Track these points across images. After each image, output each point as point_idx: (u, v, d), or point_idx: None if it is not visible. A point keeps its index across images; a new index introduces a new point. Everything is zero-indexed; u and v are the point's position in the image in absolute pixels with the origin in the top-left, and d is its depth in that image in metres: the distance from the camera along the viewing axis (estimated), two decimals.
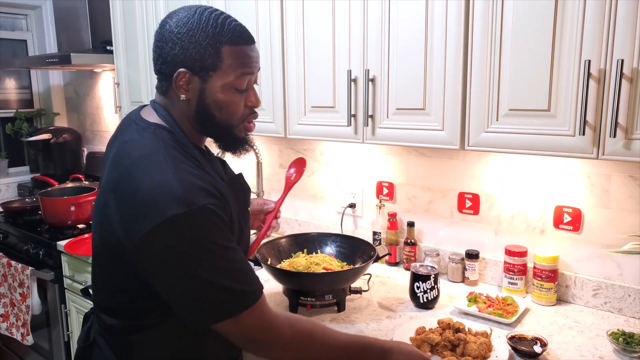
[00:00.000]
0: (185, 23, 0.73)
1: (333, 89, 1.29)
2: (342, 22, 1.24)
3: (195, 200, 0.68)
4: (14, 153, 2.73)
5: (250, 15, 1.44)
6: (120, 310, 0.80)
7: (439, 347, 0.95)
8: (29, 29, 2.74)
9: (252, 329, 0.73)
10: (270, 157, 1.85)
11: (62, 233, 1.91)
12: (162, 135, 0.76)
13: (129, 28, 1.86)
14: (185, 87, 0.75)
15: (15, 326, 1.94)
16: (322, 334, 0.79)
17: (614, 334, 1.01)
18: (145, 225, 0.67)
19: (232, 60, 0.74)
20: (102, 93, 2.60)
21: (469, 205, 1.38)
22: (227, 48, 0.73)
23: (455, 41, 1.06)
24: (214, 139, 0.83)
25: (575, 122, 0.94)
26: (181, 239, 0.67)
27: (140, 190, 0.69)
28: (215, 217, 0.70)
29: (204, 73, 0.74)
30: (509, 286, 1.27)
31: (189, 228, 0.67)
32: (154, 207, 0.67)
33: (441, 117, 1.11)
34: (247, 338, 0.74)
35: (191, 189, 0.69)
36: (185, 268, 0.68)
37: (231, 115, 0.78)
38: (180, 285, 0.69)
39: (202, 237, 0.68)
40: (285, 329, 0.75)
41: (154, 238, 0.67)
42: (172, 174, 0.69)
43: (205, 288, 0.69)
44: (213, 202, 0.70)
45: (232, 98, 0.76)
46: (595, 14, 0.89)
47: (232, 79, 0.75)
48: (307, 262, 1.23)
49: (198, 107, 0.76)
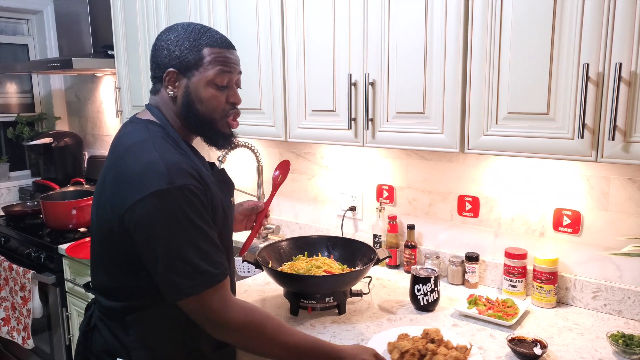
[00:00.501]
0: (175, 32, 0.86)
1: (333, 92, 1.30)
2: (342, 26, 1.25)
3: (177, 179, 0.77)
4: (15, 157, 2.74)
5: (250, 19, 1.46)
6: (116, 291, 0.85)
7: (407, 354, 0.94)
8: (30, 34, 2.76)
9: (210, 310, 0.79)
10: (270, 160, 1.85)
11: (63, 237, 1.91)
12: (153, 129, 0.86)
13: (130, 32, 1.87)
14: (173, 84, 0.86)
15: (16, 330, 1.94)
16: (275, 329, 0.83)
17: (614, 336, 1.01)
18: (130, 199, 0.76)
19: (212, 58, 0.84)
20: (103, 97, 2.61)
21: (469, 208, 1.39)
22: (207, 49, 0.85)
23: (455, 45, 1.07)
24: (199, 134, 0.91)
25: (574, 125, 0.95)
26: (160, 212, 0.75)
27: (130, 170, 0.79)
28: (194, 197, 0.78)
29: (188, 72, 0.85)
30: (509, 289, 1.28)
31: (169, 203, 0.75)
32: (139, 183, 0.76)
33: (441, 120, 1.12)
34: (205, 317, 0.80)
35: (174, 169, 0.78)
36: (161, 239, 0.76)
37: (213, 110, 0.87)
38: (156, 255, 0.77)
39: (179, 213, 0.76)
40: (239, 315, 0.80)
41: (136, 209, 0.76)
42: (159, 157, 0.79)
43: (175, 261, 0.76)
44: (194, 183, 0.79)
45: (212, 93, 0.85)
46: (594, 18, 0.90)
47: (212, 75, 0.84)
48: (307, 265, 1.23)
49: (184, 102, 0.86)
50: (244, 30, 1.48)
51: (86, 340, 0.91)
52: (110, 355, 0.86)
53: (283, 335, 0.83)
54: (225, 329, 0.81)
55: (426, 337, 0.99)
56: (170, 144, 0.84)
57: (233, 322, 0.80)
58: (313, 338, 0.86)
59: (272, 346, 0.83)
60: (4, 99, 2.70)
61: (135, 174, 0.78)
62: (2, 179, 2.63)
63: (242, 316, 0.81)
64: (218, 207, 0.86)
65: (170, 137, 0.86)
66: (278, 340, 0.82)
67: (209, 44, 0.85)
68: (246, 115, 1.52)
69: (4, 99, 2.69)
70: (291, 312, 1.19)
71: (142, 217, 0.76)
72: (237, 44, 1.50)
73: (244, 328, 0.81)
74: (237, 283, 1.40)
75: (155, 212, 0.75)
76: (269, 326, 0.82)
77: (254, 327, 0.81)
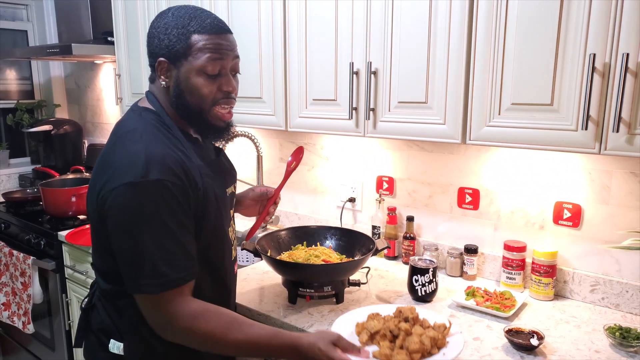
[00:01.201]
0: (164, 18, 0.83)
1: (335, 81, 1.29)
2: (345, 13, 1.23)
3: (154, 173, 0.75)
4: (15, 144, 2.73)
5: (252, 5, 1.43)
6: (109, 275, 0.86)
7: (378, 336, 0.84)
8: (29, 20, 2.73)
9: (158, 314, 0.78)
10: (270, 150, 1.84)
11: (63, 223, 1.92)
12: (148, 116, 0.85)
13: (130, 19, 1.85)
14: (165, 74, 0.84)
15: (16, 315, 1.95)
16: (224, 330, 0.78)
17: (611, 328, 1.01)
18: (107, 187, 0.77)
19: (201, 45, 0.81)
20: (102, 85, 2.59)
21: (469, 200, 1.38)
22: (196, 36, 0.81)
23: (459, 34, 1.05)
24: (190, 124, 0.88)
25: (578, 116, 0.94)
26: (129, 204, 0.75)
27: (113, 159, 0.79)
28: (168, 193, 0.76)
29: (178, 62, 0.82)
30: (507, 281, 1.28)
31: (139, 196, 0.74)
32: (117, 173, 0.76)
33: (443, 111, 1.10)
34: (153, 318, 0.79)
35: (154, 162, 0.76)
36: (126, 232, 0.76)
37: (201, 99, 0.83)
38: (120, 245, 0.77)
39: (148, 209, 0.75)
40: (186, 323, 0.77)
41: (110, 198, 0.76)
42: (142, 147, 0.78)
43: (136, 256, 0.76)
44: (172, 179, 0.77)
45: (201, 82, 0.82)
46: (602, 8, 0.88)
47: (201, 63, 0.81)
48: (306, 255, 1.23)
49: (174, 92, 0.84)
50: (245, 17, 1.46)
51: (87, 317, 0.94)
52: (106, 335, 0.88)
53: (235, 333, 0.78)
54: (170, 334, 0.79)
55: (399, 315, 0.89)
56: (162, 134, 0.82)
57: (178, 329, 0.78)
58: (271, 330, 0.81)
59: (224, 346, 0.79)
60: (4, 85, 2.68)
61: (116, 163, 0.78)
62: (2, 165, 2.63)
63: (188, 324, 0.77)
64: (210, 199, 0.84)
65: (165, 125, 0.84)
66: (229, 340, 0.78)
67: (198, 30, 0.80)
68: (246, 104, 1.51)
69: (3, 86, 2.68)
70: (289, 301, 1.20)
71: (113, 206, 0.76)
72: (238, 31, 1.48)
73: (189, 335, 0.78)
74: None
75: (125, 203, 0.75)
76: (217, 330, 0.78)
77: (201, 333, 0.78)
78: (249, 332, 0.79)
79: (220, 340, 0.78)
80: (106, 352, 0.87)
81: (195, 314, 0.78)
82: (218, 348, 0.80)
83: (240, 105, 1.52)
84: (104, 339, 0.88)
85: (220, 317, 0.80)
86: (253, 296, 1.24)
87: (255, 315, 1.16)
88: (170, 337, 0.80)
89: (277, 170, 1.84)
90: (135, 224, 0.75)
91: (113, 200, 0.76)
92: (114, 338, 0.87)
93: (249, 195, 1.13)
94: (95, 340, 0.90)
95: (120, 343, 0.86)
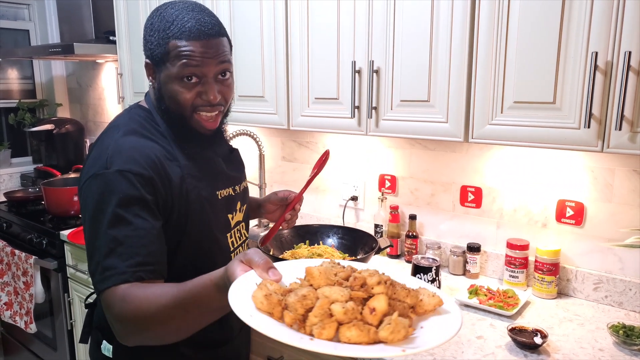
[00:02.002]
0: (151, 19, 0.81)
1: (337, 80, 1.29)
2: (347, 12, 1.23)
3: (117, 164, 0.74)
4: (17, 143, 2.73)
5: (254, 6, 1.44)
6: None
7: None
8: (31, 19, 2.73)
9: (107, 311, 0.69)
10: (272, 149, 1.85)
11: (65, 223, 1.92)
12: (135, 112, 0.85)
13: (132, 18, 1.85)
14: (152, 75, 0.84)
15: (18, 314, 1.96)
16: (145, 303, 0.66)
17: (615, 326, 1.01)
18: (80, 182, 0.78)
19: (177, 52, 0.77)
20: (104, 84, 2.59)
21: (472, 198, 1.38)
22: (173, 42, 0.77)
23: (461, 32, 1.05)
24: (174, 128, 0.84)
25: (580, 114, 0.94)
26: (91, 195, 0.74)
27: (90, 154, 0.81)
28: (128, 184, 0.73)
29: (158, 65, 0.80)
30: (510, 279, 1.28)
31: (99, 187, 0.74)
32: (86, 167, 0.78)
33: (445, 109, 1.10)
34: (108, 318, 0.70)
35: (118, 154, 0.75)
36: (88, 224, 0.74)
37: (180, 105, 0.80)
38: (85, 239, 0.76)
39: (105, 199, 0.73)
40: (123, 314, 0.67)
41: (80, 192, 0.77)
42: (114, 141, 0.78)
43: (92, 249, 0.73)
44: (135, 170, 0.74)
45: (179, 89, 0.79)
46: (603, 6, 0.88)
47: (177, 71, 0.78)
48: (309, 253, 1.23)
49: (157, 95, 0.84)
50: (247, 16, 1.46)
51: (91, 313, 0.95)
52: (102, 333, 0.87)
53: (157, 299, 0.66)
54: (119, 336, 0.70)
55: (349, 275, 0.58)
56: (145, 129, 0.81)
57: (115, 320, 0.69)
58: (186, 284, 0.66)
59: (163, 320, 0.66)
60: (5, 84, 2.68)
61: (89, 158, 0.79)
62: (3, 165, 2.63)
63: (117, 309, 0.68)
64: (192, 200, 0.80)
65: (154, 122, 0.84)
66: (156, 309, 0.65)
67: (176, 36, 0.76)
68: (248, 102, 1.51)
69: (5, 85, 2.68)
70: None
71: (81, 199, 0.77)
72: (240, 30, 1.48)
73: (124, 322, 0.68)
74: None
75: (88, 195, 0.75)
76: (143, 305, 0.66)
77: (132, 316, 0.67)
78: (169, 291, 0.66)
79: (148, 313, 0.66)
80: (99, 351, 0.86)
81: (122, 296, 0.68)
82: (148, 325, 0.67)
83: (243, 104, 1.53)
84: (100, 337, 0.88)
85: (143, 289, 0.68)
86: None
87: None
88: (125, 337, 0.70)
89: (279, 169, 1.84)
90: (95, 215, 0.73)
91: (81, 194, 0.77)
92: (106, 339, 0.85)
93: (270, 199, 1.07)
94: (95, 337, 0.90)
95: (110, 345, 0.84)
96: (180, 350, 0.84)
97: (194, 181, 0.82)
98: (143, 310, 0.66)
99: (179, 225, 0.80)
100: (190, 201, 0.80)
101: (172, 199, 0.78)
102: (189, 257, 0.82)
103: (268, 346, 1.18)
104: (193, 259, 0.83)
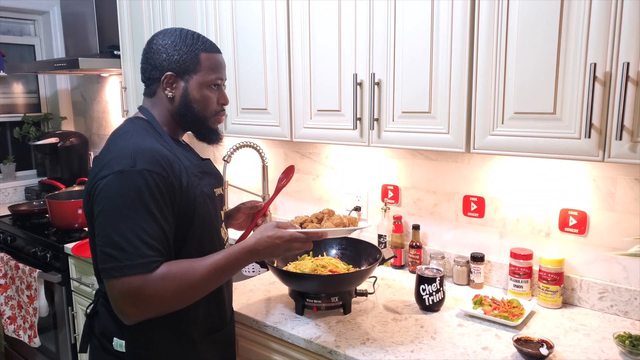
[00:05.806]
0: (170, 37, 0.94)
1: (339, 92, 1.30)
2: (349, 25, 1.26)
3: (140, 163, 0.83)
4: (22, 157, 2.76)
5: (256, 19, 1.46)
6: None
7: (306, 222, 1.10)
8: (36, 34, 2.78)
9: (115, 300, 0.81)
10: (275, 160, 1.86)
11: (69, 236, 1.93)
12: (139, 123, 0.94)
13: (136, 33, 1.89)
14: (170, 86, 0.94)
15: (22, 328, 1.95)
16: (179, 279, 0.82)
17: (621, 336, 1.00)
18: (97, 177, 0.84)
19: (209, 64, 0.95)
20: (108, 97, 2.62)
21: (474, 208, 1.39)
22: (204, 54, 0.94)
23: (461, 44, 1.07)
24: (192, 130, 0.99)
25: (581, 125, 0.95)
26: (117, 190, 0.81)
27: (105, 156, 0.87)
28: (153, 182, 0.83)
29: (186, 75, 0.94)
30: (514, 289, 1.28)
31: (127, 183, 0.81)
32: (107, 165, 0.84)
33: (447, 120, 1.12)
34: (114, 304, 0.82)
35: (140, 154, 0.84)
36: (112, 216, 0.81)
37: (206, 109, 0.96)
38: (104, 230, 0.81)
39: (132, 195, 0.81)
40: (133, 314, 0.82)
41: (99, 185, 0.83)
42: (132, 143, 0.86)
43: (115, 237, 0.80)
44: (157, 170, 0.84)
45: (207, 94, 0.96)
46: (601, 18, 0.90)
47: (209, 79, 0.95)
48: (313, 265, 1.23)
49: (181, 102, 0.95)
50: (249, 30, 1.49)
51: (91, 323, 0.99)
52: (108, 338, 0.93)
53: (198, 270, 0.84)
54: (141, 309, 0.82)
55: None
56: (151, 136, 0.91)
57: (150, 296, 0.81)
58: (223, 252, 0.87)
59: (196, 287, 0.84)
60: (11, 99, 2.72)
61: (108, 157, 0.85)
62: (8, 178, 2.65)
63: (160, 286, 0.81)
64: (198, 196, 0.91)
65: (155, 130, 0.94)
66: (197, 279, 0.84)
67: (204, 50, 0.94)
68: (252, 115, 1.52)
69: (10, 99, 2.72)
70: (296, 312, 1.19)
71: (102, 192, 0.82)
72: (243, 44, 1.51)
73: (161, 298, 0.81)
74: (241, 282, 1.41)
75: (112, 188, 0.81)
76: (186, 278, 0.83)
77: (174, 288, 0.82)
78: (207, 263, 0.85)
79: (192, 283, 0.83)
80: (108, 354, 0.93)
81: (163, 275, 0.81)
82: (190, 293, 0.84)
83: (246, 116, 1.54)
84: (106, 342, 0.93)
85: (179, 265, 0.84)
86: (259, 307, 1.25)
87: (262, 327, 1.16)
88: (139, 314, 0.82)
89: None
90: (120, 208, 0.80)
91: (103, 187, 0.82)
92: (116, 337, 0.92)
93: (240, 209, 1.18)
94: (98, 344, 0.95)
95: (122, 340, 0.91)
96: (192, 335, 0.95)
97: (197, 180, 0.93)
98: (187, 280, 0.83)
99: (187, 218, 0.90)
100: (196, 195, 0.91)
101: (182, 196, 0.89)
102: (194, 246, 0.92)
103: (254, 351, 1.18)
104: (198, 246, 0.93)
